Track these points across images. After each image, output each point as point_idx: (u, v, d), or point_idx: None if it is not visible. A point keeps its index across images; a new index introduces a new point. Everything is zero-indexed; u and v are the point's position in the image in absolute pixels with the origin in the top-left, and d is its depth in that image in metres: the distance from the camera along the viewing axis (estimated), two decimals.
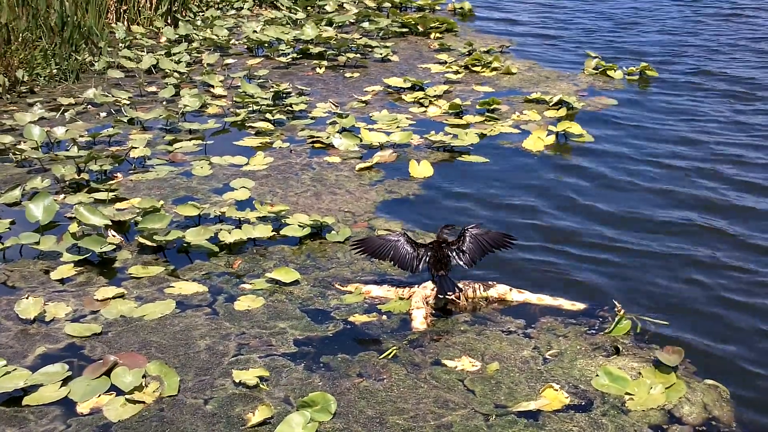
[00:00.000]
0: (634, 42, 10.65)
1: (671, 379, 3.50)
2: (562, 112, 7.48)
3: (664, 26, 11.66)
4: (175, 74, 8.46)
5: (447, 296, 4.12)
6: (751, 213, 5.37)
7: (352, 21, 11.39)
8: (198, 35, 10.30)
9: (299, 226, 4.91)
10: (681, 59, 9.64)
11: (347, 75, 8.89)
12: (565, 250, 4.86)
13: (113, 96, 7.69)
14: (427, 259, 4.22)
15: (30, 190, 5.52)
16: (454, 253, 4.23)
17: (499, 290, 4.26)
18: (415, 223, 5.16)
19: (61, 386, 3.49)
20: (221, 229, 4.86)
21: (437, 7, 12.77)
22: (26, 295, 4.17)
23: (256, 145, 6.62)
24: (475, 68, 9.07)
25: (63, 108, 7.39)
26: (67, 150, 6.26)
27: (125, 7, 10.86)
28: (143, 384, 3.48)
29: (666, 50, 10.13)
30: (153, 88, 8.21)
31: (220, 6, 12.38)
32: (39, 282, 4.46)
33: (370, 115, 7.37)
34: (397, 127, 7.02)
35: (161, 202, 5.12)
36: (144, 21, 10.94)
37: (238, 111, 7.39)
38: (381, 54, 9.53)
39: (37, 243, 4.72)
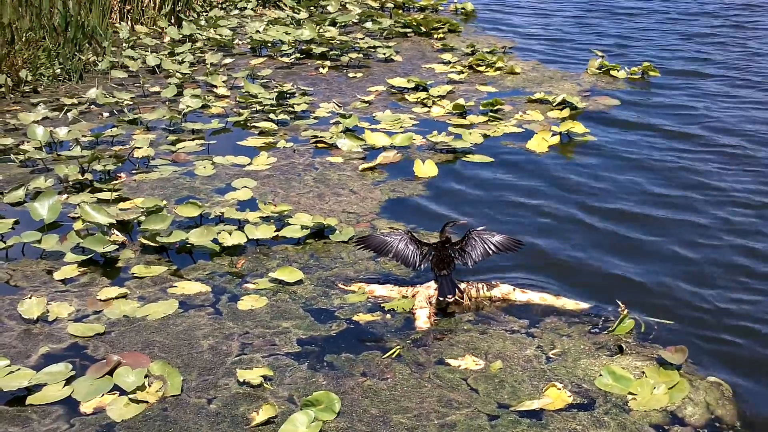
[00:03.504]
0: (637, 42, 10.64)
1: (674, 378, 3.49)
2: (566, 112, 7.47)
3: (668, 27, 11.65)
4: (178, 74, 8.47)
5: (447, 299, 4.12)
6: (756, 212, 5.35)
7: (355, 21, 11.41)
8: (201, 35, 10.31)
9: (302, 227, 4.90)
10: (684, 60, 9.63)
11: (350, 75, 8.89)
12: (568, 249, 4.85)
13: (116, 96, 7.69)
14: (431, 257, 4.22)
15: (33, 190, 5.52)
16: (457, 254, 4.23)
17: (502, 290, 4.25)
18: (419, 223, 5.14)
19: (64, 386, 3.49)
20: (222, 230, 4.84)
21: (440, 7, 12.78)
22: (29, 295, 4.18)
23: (259, 145, 6.61)
24: (478, 68, 9.07)
25: (66, 108, 7.40)
26: (70, 150, 6.27)
27: (129, 7, 10.89)
28: (146, 384, 3.48)
29: (669, 51, 10.12)
30: (156, 88, 8.21)
31: (224, 6, 12.40)
32: (42, 282, 4.46)
33: (374, 115, 7.37)
34: (401, 127, 7.02)
35: (164, 202, 5.12)
36: (147, 21, 10.96)
37: (241, 111, 7.39)
38: (384, 54, 9.53)
39: (39, 242, 4.72)
